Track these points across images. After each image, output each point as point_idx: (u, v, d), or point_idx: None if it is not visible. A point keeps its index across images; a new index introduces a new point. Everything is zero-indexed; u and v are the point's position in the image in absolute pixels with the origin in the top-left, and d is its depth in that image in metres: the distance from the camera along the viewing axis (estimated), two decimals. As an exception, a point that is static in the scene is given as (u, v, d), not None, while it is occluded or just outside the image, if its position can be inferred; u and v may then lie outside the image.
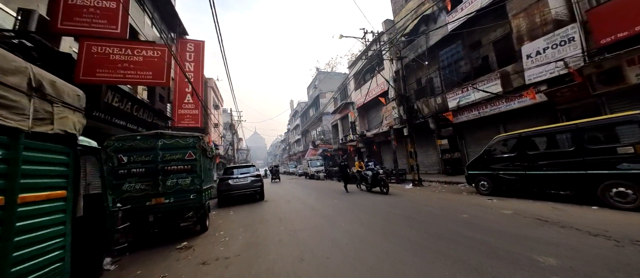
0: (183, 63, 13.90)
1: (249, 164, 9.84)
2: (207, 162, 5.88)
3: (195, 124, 13.54)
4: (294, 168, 38.64)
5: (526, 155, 5.86)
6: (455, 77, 12.02)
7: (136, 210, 4.32)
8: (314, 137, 34.49)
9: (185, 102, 13.54)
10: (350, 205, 7.04)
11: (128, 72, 4.96)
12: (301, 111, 45.68)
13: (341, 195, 9.62)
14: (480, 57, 10.93)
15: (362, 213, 5.86)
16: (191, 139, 4.92)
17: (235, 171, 9.43)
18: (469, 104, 11.03)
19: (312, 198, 9.17)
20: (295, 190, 13.20)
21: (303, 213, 6.55)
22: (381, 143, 19.05)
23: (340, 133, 26.57)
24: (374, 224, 4.69)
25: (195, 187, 4.77)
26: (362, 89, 21.76)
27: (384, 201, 7.35)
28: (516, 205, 5.38)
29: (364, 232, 4.27)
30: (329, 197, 9.16)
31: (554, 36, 8.05)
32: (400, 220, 4.78)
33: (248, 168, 9.60)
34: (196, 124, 13.52)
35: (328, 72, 37.81)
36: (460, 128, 12.14)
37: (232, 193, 8.83)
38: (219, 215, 7.41)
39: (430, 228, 4.10)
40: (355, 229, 4.47)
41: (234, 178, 9.03)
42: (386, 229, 4.29)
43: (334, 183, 16.28)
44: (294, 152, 52.12)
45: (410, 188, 10.20)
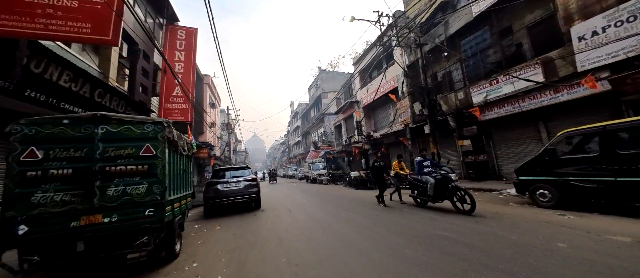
0: (172, 52, 12.39)
1: (243, 166, 8.25)
2: (179, 161, 4.30)
3: (185, 120, 11.97)
4: (294, 171, 37.02)
5: (616, 156, 4.30)
6: (481, 68, 10.53)
7: (54, 235, 2.73)
8: (316, 139, 32.91)
9: (174, 95, 11.98)
10: (376, 222, 5.44)
11: (52, 21, 3.40)
12: (302, 112, 44.19)
13: (357, 205, 8.02)
14: (513, 44, 9.44)
15: (395, 234, 4.26)
16: (151, 126, 3.34)
17: (227, 174, 7.84)
18: (499, 98, 9.51)
19: (319, 209, 7.56)
20: (297, 196, 11.57)
21: (311, 231, 4.95)
22: (390, 145, 17.49)
23: (344, 134, 25.02)
24: (424, 259, 3.09)
25: (154, 197, 3.18)
26: (369, 87, 20.31)
27: (422, 218, 5.75)
28: (616, 225, 3.80)
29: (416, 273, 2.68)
30: (340, 207, 7.55)
31: (618, 11, 6.56)
32: (461, 250, 3.21)
33: (242, 171, 8.00)
34: (186, 120, 11.95)
35: (330, 71, 36.42)
36: (487, 127, 10.59)
37: (221, 201, 7.23)
38: (202, 230, 5.79)
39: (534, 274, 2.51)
40: (400, 266, 2.88)
41: (225, 182, 7.44)
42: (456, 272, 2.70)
43: (339, 188, 14.65)
44: (293, 155, 50.47)
45: (434, 196, 8.62)
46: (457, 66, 11.81)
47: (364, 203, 7.86)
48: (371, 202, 8.10)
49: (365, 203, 7.97)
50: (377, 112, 20.16)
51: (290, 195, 12.04)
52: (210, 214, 7.54)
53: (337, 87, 33.33)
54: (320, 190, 14.27)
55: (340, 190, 13.48)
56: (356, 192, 11.76)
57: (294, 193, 12.88)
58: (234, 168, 8.11)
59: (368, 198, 9.03)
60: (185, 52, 12.65)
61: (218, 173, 7.84)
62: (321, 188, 15.64)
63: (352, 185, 13.94)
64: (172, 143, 3.66)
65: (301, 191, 14.07)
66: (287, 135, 59.59)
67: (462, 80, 11.47)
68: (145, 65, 10.23)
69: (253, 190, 7.62)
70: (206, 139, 21.92)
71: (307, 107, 41.06)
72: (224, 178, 7.57)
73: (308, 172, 22.73)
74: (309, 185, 19.62)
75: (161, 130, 3.39)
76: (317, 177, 20.05)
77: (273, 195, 13.00)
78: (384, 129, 18.26)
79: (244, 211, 7.76)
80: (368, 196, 9.56)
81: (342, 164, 26.55)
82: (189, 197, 5.13)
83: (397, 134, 15.45)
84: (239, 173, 7.92)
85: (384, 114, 19.18)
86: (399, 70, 15.89)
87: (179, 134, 4.15)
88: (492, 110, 9.87)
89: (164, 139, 3.40)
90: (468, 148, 11.28)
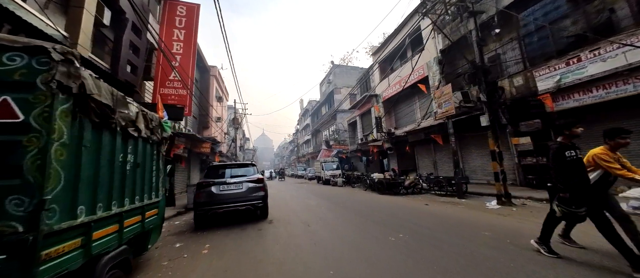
0: (170, 29, 10.74)
1: (246, 163, 6.35)
2: (121, 146, 2.40)
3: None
4: (303, 171, 35.16)
5: None
6: (552, 44, 8.23)
7: None
8: (327, 137, 30.93)
9: (171, 79, 10.28)
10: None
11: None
12: (312, 109, 42.33)
13: (402, 221, 5.99)
14: (605, 7, 7.10)
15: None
16: (17, 55, 1.44)
17: (225, 173, 5.98)
18: (580, 81, 7.21)
19: (349, 224, 5.55)
20: (311, 201, 9.61)
21: (352, 270, 2.96)
22: (416, 144, 15.26)
23: (360, 132, 22.89)
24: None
25: (6, 226, 1.27)
26: (390, 78, 18.15)
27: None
28: None
29: None
30: (381, 224, 5.52)
31: None
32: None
33: (244, 170, 6.10)
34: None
35: (344, 65, 34.37)
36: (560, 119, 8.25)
37: (215, 208, 5.36)
38: (181, 255, 3.92)
39: None
40: None
41: (221, 184, 5.57)
42: None
43: (358, 192, 12.58)
44: (302, 154, 48.69)
45: (499, 208, 6.45)
46: (513, 45, 9.51)
47: (413, 219, 5.78)
48: (418, 214, 6.01)
49: (415, 217, 5.89)
50: (399, 108, 17.94)
51: (303, 199, 10.08)
52: (201, 225, 5.69)
53: (350, 82, 31.25)
54: (336, 193, 12.25)
55: (361, 194, 11.41)
56: (384, 198, 9.69)
57: (307, 197, 10.92)
58: (235, 166, 6.23)
59: (410, 208, 6.95)
60: (185, 30, 10.95)
61: (214, 172, 5.97)
62: (337, 191, 13.62)
63: (375, 189, 11.87)
64: (84, 103, 1.75)
65: (315, 194, 12.10)
66: (296, 134, 57.91)
67: (522, 61, 9.17)
68: (135, 39, 8.56)
69: (258, 195, 5.72)
70: (211, 133, 20.38)
71: (318, 104, 39.17)
72: (221, 178, 5.70)
73: (320, 172, 20.76)
74: (321, 186, 17.64)
75: (45, 69, 1.49)
76: (331, 178, 18.03)
77: (282, 197, 11.10)
78: (409, 125, 16.06)
79: (246, 221, 5.87)
80: (407, 205, 7.46)
81: (356, 164, 24.42)
82: (154, 209, 3.26)
83: (427, 130, 13.23)
84: (241, 171, 6.02)
85: (408, 109, 16.96)
86: (429, 57, 13.69)
87: (119, 95, 2.27)
88: (570, 98, 7.57)
89: (54, 89, 1.50)
90: (526, 148, 8.97)
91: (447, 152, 12.96)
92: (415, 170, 15.40)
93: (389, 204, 7.93)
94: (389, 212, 6.60)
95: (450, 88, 8.91)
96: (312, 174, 27.38)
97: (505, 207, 6.53)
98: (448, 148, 12.84)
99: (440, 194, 9.52)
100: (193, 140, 12.78)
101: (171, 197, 9.34)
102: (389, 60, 19.15)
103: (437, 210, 6.53)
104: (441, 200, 8.45)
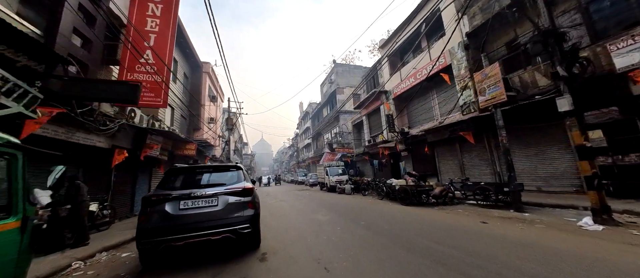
0: (144, 2, 8.77)
1: (226, 165, 4.26)
2: None
3: (155, 99, 8.21)
4: (304, 176, 32.94)
5: None
6: (635, 9, 6.30)
7: None
8: (330, 140, 28.86)
9: (144, 62, 8.25)
10: None
11: None
12: (312, 112, 40.36)
13: (480, 258, 3.84)
14: None
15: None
16: None
17: (193, 179, 3.88)
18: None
19: (393, 265, 3.43)
20: (320, 215, 7.47)
21: None
22: (437, 144, 13.20)
23: (366, 133, 20.85)
24: None
25: None
26: (401, 72, 16.25)
27: None
28: None
29: None
30: (441, 265, 3.41)
31: None
32: None
33: (223, 175, 3.97)
34: (156, 100, 8.19)
35: (346, 64, 32.62)
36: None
37: (172, 240, 3.23)
38: None
39: None
40: None
41: (184, 198, 3.45)
42: None
43: (374, 202, 10.44)
44: (302, 159, 46.47)
45: (603, 229, 4.34)
46: (572, 16, 7.57)
47: (483, 251, 3.65)
48: (483, 241, 3.89)
49: (484, 247, 3.76)
50: (413, 105, 15.95)
51: (307, 213, 7.93)
52: (150, 265, 3.55)
53: (353, 82, 29.43)
54: (347, 203, 10.10)
55: (379, 205, 9.27)
56: (412, 211, 7.57)
57: (312, 209, 8.76)
58: (208, 169, 4.10)
59: (462, 229, 4.82)
60: (162, 5, 8.99)
61: (173, 178, 3.85)
62: (347, 201, 11.46)
63: (395, 198, 9.75)
64: None
65: (322, 205, 9.94)
66: (295, 138, 55.76)
67: (587, 35, 7.20)
68: (88, 5, 6.56)
69: (244, 216, 3.60)
70: (202, 136, 18.28)
71: (319, 105, 37.23)
72: (183, 190, 3.58)
73: (324, 177, 18.61)
74: (326, 194, 15.46)
75: None
76: (337, 184, 15.88)
77: (281, 209, 8.93)
78: (427, 123, 14.05)
79: (223, 259, 3.72)
80: (453, 222, 5.32)
81: (362, 169, 22.29)
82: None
83: (453, 127, 11.20)
84: (217, 178, 3.90)
85: (423, 106, 14.97)
86: (452, 43, 11.78)
87: None
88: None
89: None
90: (598, 144, 6.92)
91: (478, 152, 10.91)
92: (436, 174, 13.34)
93: (426, 221, 5.81)
94: (434, 234, 4.49)
95: (498, 68, 6.92)
96: (314, 180, 25.19)
97: (610, 228, 4.43)
98: (479, 148, 10.81)
99: (484, 205, 7.42)
100: (174, 139, 10.65)
101: (77, 225, 4.96)
102: (400, 53, 17.31)
103: (508, 234, 4.42)
104: (492, 213, 6.35)
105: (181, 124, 16.72)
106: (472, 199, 8.05)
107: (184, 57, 17.17)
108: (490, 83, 7.09)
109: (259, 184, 37.33)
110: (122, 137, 7.34)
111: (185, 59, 17.45)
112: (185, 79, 17.91)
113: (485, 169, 10.50)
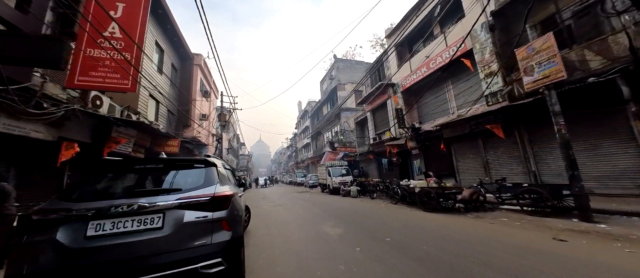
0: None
1: (190, 159, 2.67)
2: None
3: (121, 81, 6.62)
4: (303, 177, 31.39)
5: None
6: None
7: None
8: (330, 138, 27.36)
9: (109, 36, 6.65)
10: None
11: None
12: (312, 110, 38.84)
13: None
14: None
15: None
16: None
17: (124, 185, 2.31)
18: None
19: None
20: (328, 227, 5.93)
21: None
22: (454, 140, 11.73)
23: (371, 130, 19.36)
24: None
25: None
26: (411, 63, 14.79)
27: None
28: None
29: None
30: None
31: None
32: None
33: (177, 175, 2.39)
34: (123, 82, 6.60)
35: (348, 60, 31.20)
36: None
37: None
38: None
39: None
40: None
41: (97, 217, 1.90)
42: None
43: (385, 206, 8.92)
44: (301, 159, 44.87)
45: None
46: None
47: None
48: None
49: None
50: (423, 98, 14.49)
51: (312, 223, 6.37)
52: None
53: (355, 77, 28.01)
54: (357, 209, 8.58)
55: (396, 212, 7.75)
56: (441, 220, 6.07)
57: (316, 218, 7.21)
58: (150, 165, 2.49)
59: (535, 252, 3.28)
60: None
61: (94, 180, 2.30)
62: (355, 206, 9.93)
63: (413, 203, 8.25)
64: None
65: (328, 212, 8.39)
66: (294, 138, 54.15)
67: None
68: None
69: (211, 244, 2.06)
70: (193, 133, 16.66)
71: (319, 103, 35.73)
72: (101, 199, 2.04)
73: (325, 179, 17.08)
74: (329, 197, 13.92)
75: None
76: (341, 186, 14.35)
77: (277, 215, 7.36)
78: (441, 117, 12.59)
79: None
80: (511, 240, 3.75)
81: (366, 169, 20.78)
82: None
83: (477, 120, 9.75)
84: (170, 180, 2.36)
85: (436, 98, 13.51)
86: (471, 25, 10.35)
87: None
88: None
89: None
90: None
91: (506, 148, 9.45)
92: (454, 174, 11.87)
93: (475, 237, 4.29)
94: (505, 262, 2.97)
95: (552, 39, 5.43)
96: (314, 181, 23.65)
97: None
98: (508, 144, 9.34)
99: (531, 212, 5.93)
100: (152, 134, 9.06)
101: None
102: (409, 42, 15.88)
103: (616, 263, 2.92)
104: (553, 224, 4.85)
105: (169, 120, 15.12)
106: (512, 204, 6.58)
107: (171, 46, 15.55)
108: (541, 59, 5.63)
109: (255, 186, 35.70)
110: (75, 127, 5.76)
111: (173, 48, 15.82)
112: (173, 71, 16.30)
113: (516, 168, 9.03)
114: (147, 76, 11.11)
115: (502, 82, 9.06)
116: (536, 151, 8.51)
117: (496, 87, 9.21)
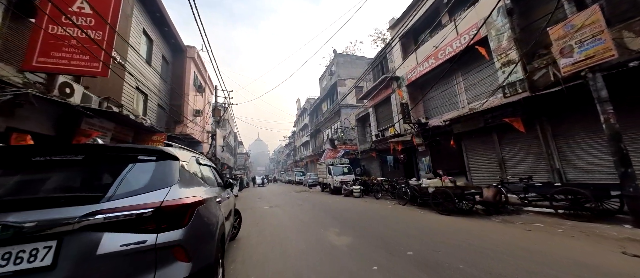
0: None
1: (130, 147, 1.71)
2: None
3: (91, 63, 5.68)
4: (302, 176, 30.56)
5: None
6: None
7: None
8: (330, 135, 26.49)
9: (76, 11, 5.71)
10: None
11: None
12: (311, 108, 37.92)
13: None
14: None
15: None
16: None
17: (16, 187, 1.41)
18: None
19: None
20: (332, 236, 5.07)
21: None
22: (464, 136, 10.90)
23: (374, 127, 18.51)
24: None
25: None
26: (417, 54, 13.92)
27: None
28: None
29: None
30: None
31: None
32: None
33: (111, 171, 1.49)
34: (92, 64, 5.67)
35: (348, 55, 30.28)
36: None
37: None
38: None
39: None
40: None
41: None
42: None
43: (393, 208, 8.08)
44: (300, 158, 43.98)
45: None
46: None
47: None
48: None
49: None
50: (430, 92, 13.64)
51: (314, 230, 5.50)
52: None
53: (356, 73, 27.12)
54: (363, 212, 7.72)
55: (410, 214, 6.90)
56: (464, 225, 5.23)
57: (319, 223, 6.33)
58: (60, 157, 1.54)
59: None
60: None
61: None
62: (361, 207, 9.07)
63: (425, 204, 7.41)
64: None
65: (331, 215, 7.51)
66: (292, 136, 53.20)
67: None
68: None
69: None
70: (184, 130, 15.70)
71: (318, 100, 34.83)
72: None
73: (326, 177, 16.23)
74: (330, 197, 13.07)
75: None
76: (343, 185, 13.50)
77: (274, 217, 6.47)
78: (449, 111, 11.76)
79: None
80: (573, 253, 2.91)
81: (368, 167, 19.94)
82: None
83: (492, 113, 8.92)
84: (86, 182, 1.47)
85: (443, 92, 12.64)
86: (485, 11, 9.50)
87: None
88: None
89: None
90: None
91: (525, 143, 8.63)
92: (465, 172, 11.05)
93: (510, 247, 3.46)
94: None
95: (598, 13, 4.57)
96: (314, 180, 22.83)
97: None
98: (528, 139, 8.51)
99: (568, 215, 5.10)
100: (134, 127, 8.13)
101: None
102: (414, 33, 15.02)
103: None
104: (603, 231, 4.02)
105: (159, 115, 14.17)
106: (538, 206, 5.76)
107: (162, 36, 14.53)
108: (583, 36, 4.78)
109: (253, 185, 34.76)
110: (32, 116, 4.84)
111: (164, 39, 14.81)
112: (164, 64, 15.30)
113: (537, 166, 8.21)
114: (132, 66, 10.16)
115: (521, 70, 8.22)
116: (560, 146, 7.69)
117: (515, 76, 8.37)
